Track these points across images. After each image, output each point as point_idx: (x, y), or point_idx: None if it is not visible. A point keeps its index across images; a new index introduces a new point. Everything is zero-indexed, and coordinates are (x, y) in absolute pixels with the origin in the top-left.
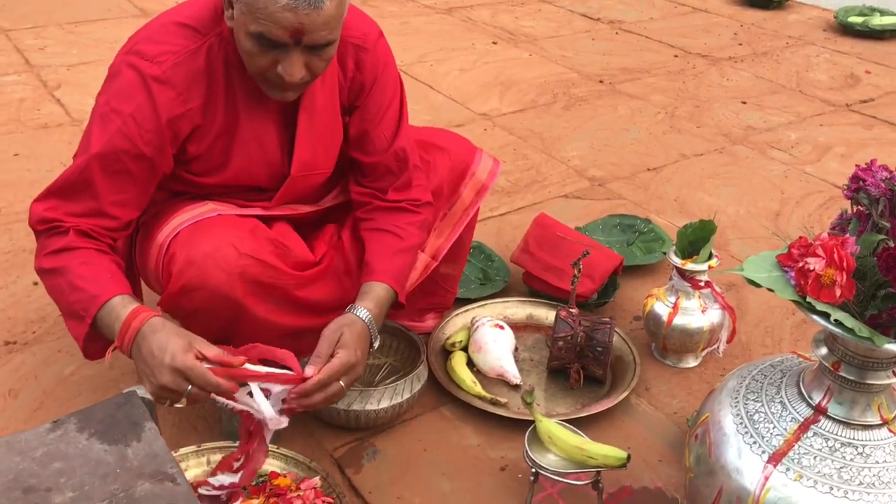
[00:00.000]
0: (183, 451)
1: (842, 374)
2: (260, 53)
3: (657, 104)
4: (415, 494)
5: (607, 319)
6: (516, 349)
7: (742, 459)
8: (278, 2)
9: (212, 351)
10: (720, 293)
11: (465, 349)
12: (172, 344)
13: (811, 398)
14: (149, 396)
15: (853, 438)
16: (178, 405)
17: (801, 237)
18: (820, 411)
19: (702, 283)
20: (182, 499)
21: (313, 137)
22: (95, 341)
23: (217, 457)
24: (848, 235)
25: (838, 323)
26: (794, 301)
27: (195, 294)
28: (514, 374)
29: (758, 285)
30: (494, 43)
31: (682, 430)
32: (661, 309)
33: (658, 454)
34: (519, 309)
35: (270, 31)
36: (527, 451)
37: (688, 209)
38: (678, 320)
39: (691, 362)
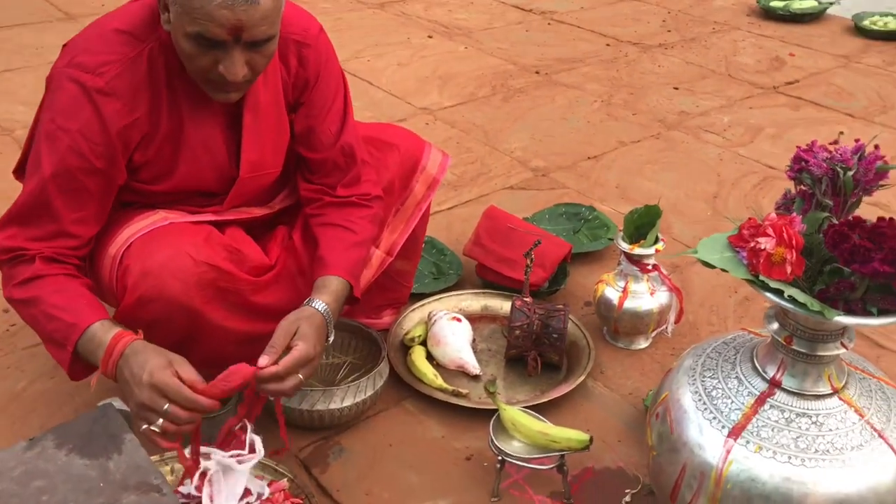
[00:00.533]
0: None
1: (794, 347)
2: (200, 54)
3: (593, 93)
4: (383, 489)
5: (561, 306)
6: (474, 340)
7: (703, 435)
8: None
9: (189, 373)
10: (667, 275)
11: (423, 343)
12: (151, 362)
13: (765, 372)
14: (125, 408)
15: (807, 409)
16: (153, 428)
17: (750, 218)
18: (775, 384)
19: (649, 267)
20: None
21: (260, 137)
22: (79, 362)
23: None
24: (794, 214)
25: (791, 299)
26: (746, 280)
27: (152, 305)
28: (473, 365)
29: (712, 266)
30: (430, 37)
31: (638, 410)
32: (612, 293)
33: (617, 435)
34: (474, 301)
35: (209, 29)
36: (492, 440)
37: (629, 195)
38: (628, 304)
39: (642, 344)
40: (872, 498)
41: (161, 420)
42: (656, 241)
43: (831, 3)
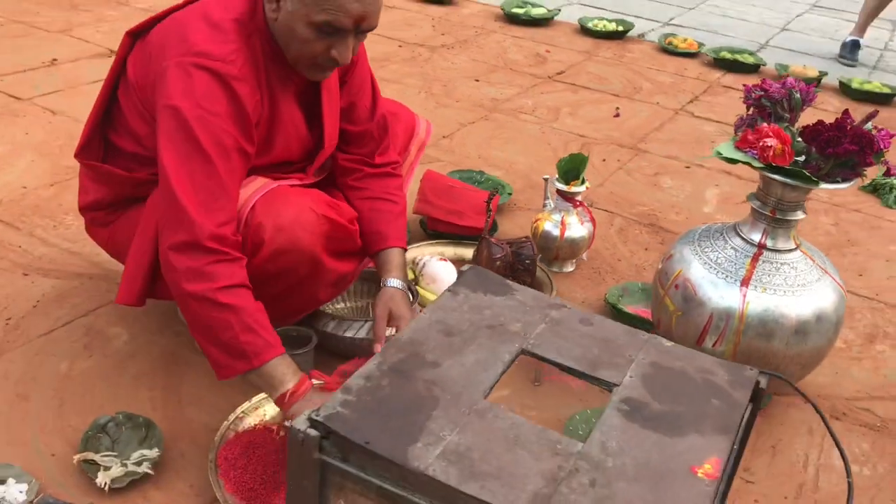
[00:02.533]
0: (255, 399)
1: (777, 216)
2: (317, 40)
3: (413, 86)
4: None
5: (525, 238)
6: None
7: (721, 290)
8: None
9: None
10: (589, 208)
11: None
12: None
13: (752, 240)
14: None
15: (786, 260)
16: None
17: (746, 130)
18: (762, 247)
19: (578, 202)
20: (581, 315)
21: (332, 112)
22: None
23: (270, 405)
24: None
25: (797, 175)
26: (760, 168)
27: (284, 257)
28: None
29: (735, 161)
30: None
31: (597, 308)
32: (551, 227)
33: None
34: (431, 249)
35: (338, 19)
36: None
37: (493, 163)
38: (568, 234)
39: (569, 268)
40: (830, 311)
41: None
42: (583, 181)
43: (559, 10)
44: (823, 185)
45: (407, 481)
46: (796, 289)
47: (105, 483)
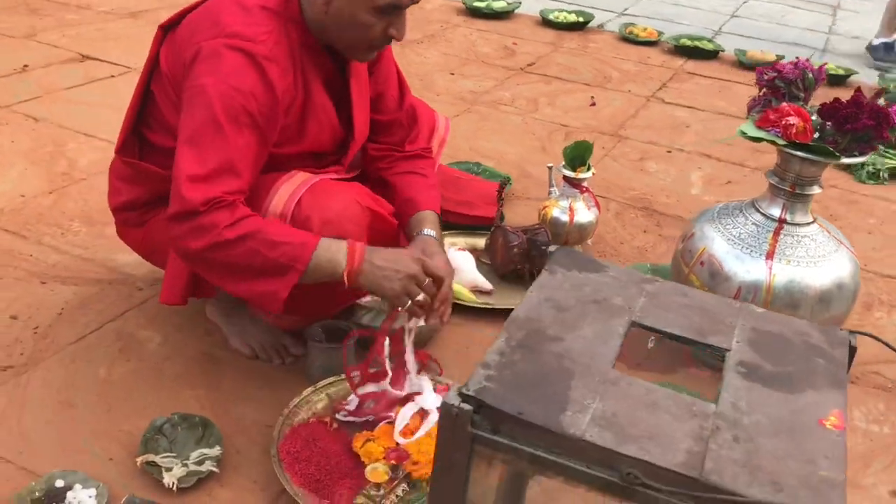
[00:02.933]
0: (304, 393)
1: (796, 191)
2: (378, 23)
3: None
4: None
5: (538, 224)
6: None
7: (747, 264)
8: None
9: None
10: (594, 194)
11: None
12: (402, 250)
13: (772, 215)
14: None
15: (805, 233)
16: (419, 298)
17: (765, 111)
18: (782, 221)
19: (584, 188)
20: (674, 287)
21: (362, 102)
22: (291, 286)
23: (332, 389)
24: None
25: (820, 150)
26: (783, 145)
27: None
28: (485, 283)
29: (760, 140)
30: None
31: None
32: (560, 214)
33: None
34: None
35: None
36: None
37: (484, 154)
38: (577, 219)
39: None
40: (848, 279)
41: (421, 294)
42: (589, 167)
43: (519, 3)
44: (844, 160)
45: (561, 447)
46: (817, 260)
47: (173, 483)
